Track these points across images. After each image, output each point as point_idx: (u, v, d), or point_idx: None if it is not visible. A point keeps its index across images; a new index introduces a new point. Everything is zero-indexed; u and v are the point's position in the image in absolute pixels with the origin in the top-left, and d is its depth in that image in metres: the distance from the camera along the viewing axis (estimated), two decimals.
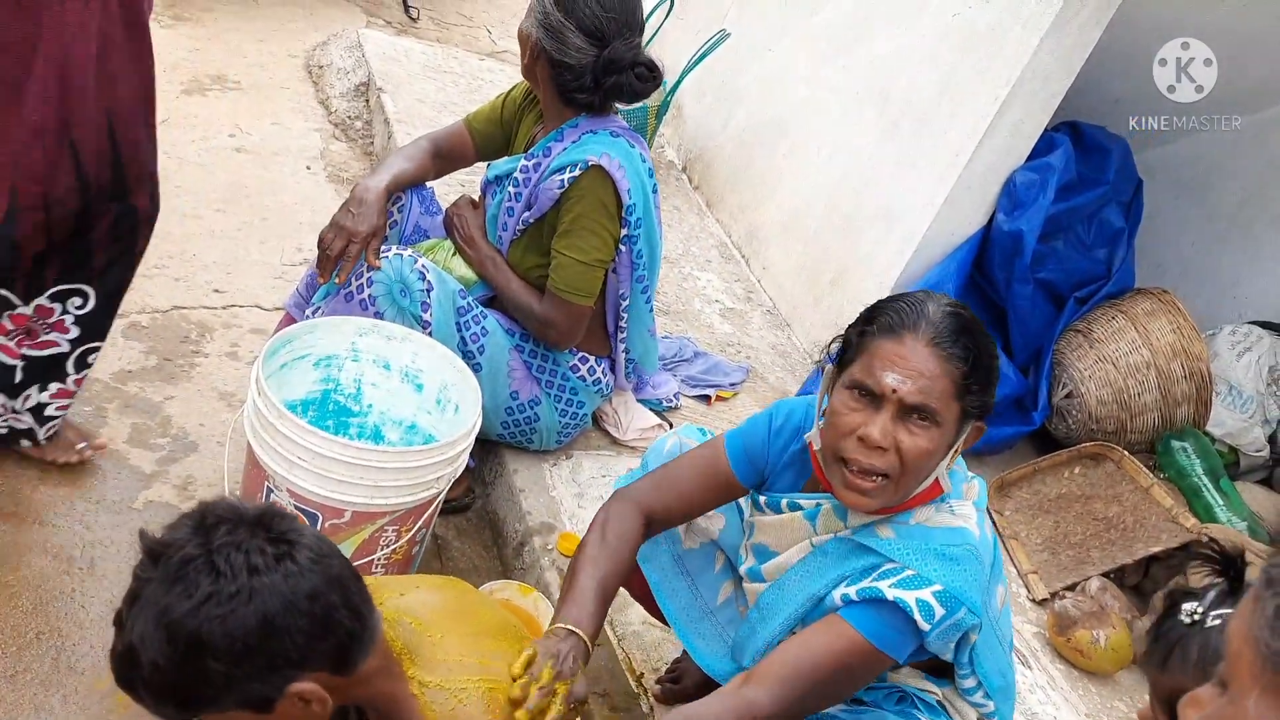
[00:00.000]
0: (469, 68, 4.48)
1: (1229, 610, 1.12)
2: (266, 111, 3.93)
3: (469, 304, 2.44)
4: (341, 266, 2.32)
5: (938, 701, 1.70)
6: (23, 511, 2.21)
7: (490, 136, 2.61)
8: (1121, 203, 3.43)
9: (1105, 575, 2.87)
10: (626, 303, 2.56)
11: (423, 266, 2.35)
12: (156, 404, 2.59)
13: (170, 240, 3.12)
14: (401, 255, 2.35)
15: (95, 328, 2.10)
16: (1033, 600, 2.88)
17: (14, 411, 2.13)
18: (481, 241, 2.54)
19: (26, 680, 1.92)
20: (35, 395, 2.12)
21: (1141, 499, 3.03)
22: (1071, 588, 2.85)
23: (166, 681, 1.20)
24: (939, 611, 1.49)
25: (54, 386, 2.13)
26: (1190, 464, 3.17)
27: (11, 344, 2.01)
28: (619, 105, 2.48)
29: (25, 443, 2.20)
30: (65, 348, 2.08)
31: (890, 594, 1.50)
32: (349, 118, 4.05)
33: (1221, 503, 3.08)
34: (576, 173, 2.35)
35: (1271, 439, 3.46)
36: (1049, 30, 2.80)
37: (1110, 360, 3.27)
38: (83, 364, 2.14)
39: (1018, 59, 2.86)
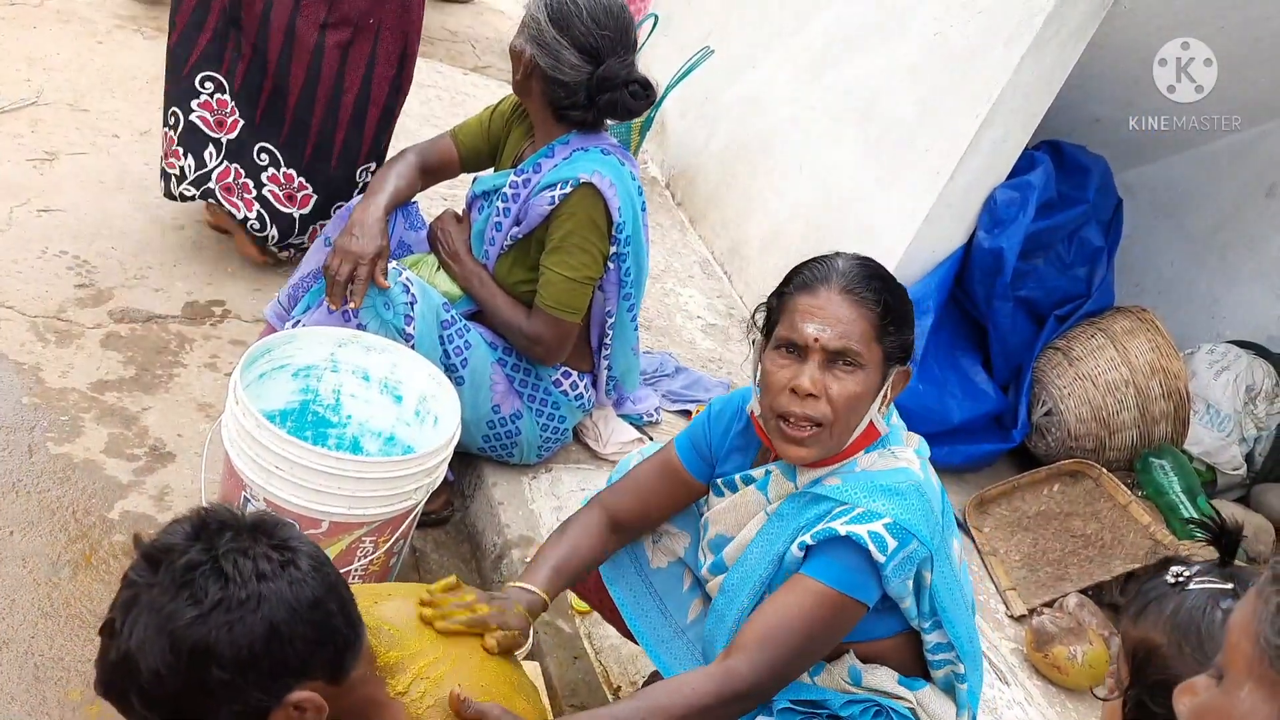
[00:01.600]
0: (453, 82, 4.49)
1: (1214, 580, 1.14)
2: None
3: (453, 317, 2.43)
4: (353, 290, 2.28)
5: (911, 710, 1.71)
6: None
7: (476, 150, 2.61)
8: (1101, 222, 3.46)
9: (1083, 592, 2.88)
10: (612, 320, 2.56)
11: (407, 279, 2.34)
12: (134, 414, 2.57)
13: (151, 250, 3.11)
14: (388, 267, 2.34)
15: None
16: (1011, 616, 2.88)
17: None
18: (466, 257, 2.53)
19: None
20: None
21: (1120, 516, 3.05)
22: (1050, 604, 2.86)
23: (166, 691, 1.16)
24: (891, 543, 1.53)
25: None
26: (1168, 482, 3.19)
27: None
28: (607, 121, 2.49)
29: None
30: None
31: (843, 529, 1.54)
32: None
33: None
34: (568, 189, 2.35)
35: (1248, 458, 3.48)
36: (1030, 49, 2.82)
37: (1089, 378, 3.29)
38: None
39: (999, 77, 2.89)
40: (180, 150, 2.96)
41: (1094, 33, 2.90)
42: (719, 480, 1.79)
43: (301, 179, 2.97)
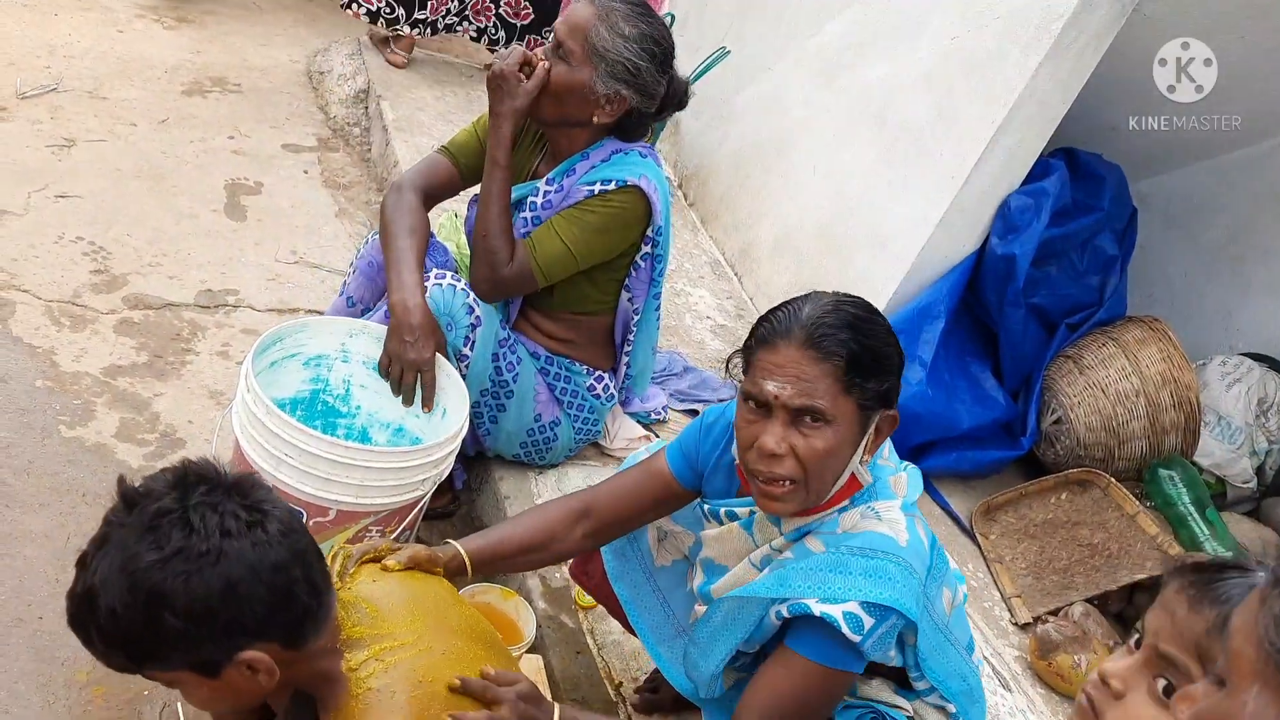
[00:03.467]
0: (468, 79, 4.50)
1: None
2: (266, 115, 3.95)
3: (508, 335, 2.42)
4: (425, 397, 2.24)
5: (910, 717, 1.71)
6: (8, 501, 2.21)
7: (475, 168, 2.49)
8: (1115, 230, 3.45)
9: (1089, 601, 2.87)
10: (639, 317, 2.57)
11: (473, 301, 2.32)
12: (146, 400, 2.58)
13: (165, 238, 3.13)
14: (455, 287, 2.30)
15: None
16: (1015, 624, 2.88)
17: None
18: (508, 134, 2.29)
19: (4, 666, 1.91)
20: None
21: (1127, 526, 3.03)
22: (1054, 612, 2.85)
23: (120, 630, 1.20)
24: (868, 622, 1.50)
25: None
26: (1177, 493, 3.17)
27: None
28: None
29: None
30: None
31: (817, 609, 1.51)
32: (347, 124, 4.07)
33: (1207, 533, 3.08)
34: (610, 186, 2.33)
35: (1259, 471, 3.46)
36: (1047, 55, 2.82)
37: (1100, 387, 3.28)
38: None
39: (1015, 83, 2.88)
40: None
41: (1113, 40, 2.90)
42: (706, 507, 1.78)
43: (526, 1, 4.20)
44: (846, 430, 1.52)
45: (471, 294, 2.32)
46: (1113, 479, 3.13)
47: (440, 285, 2.29)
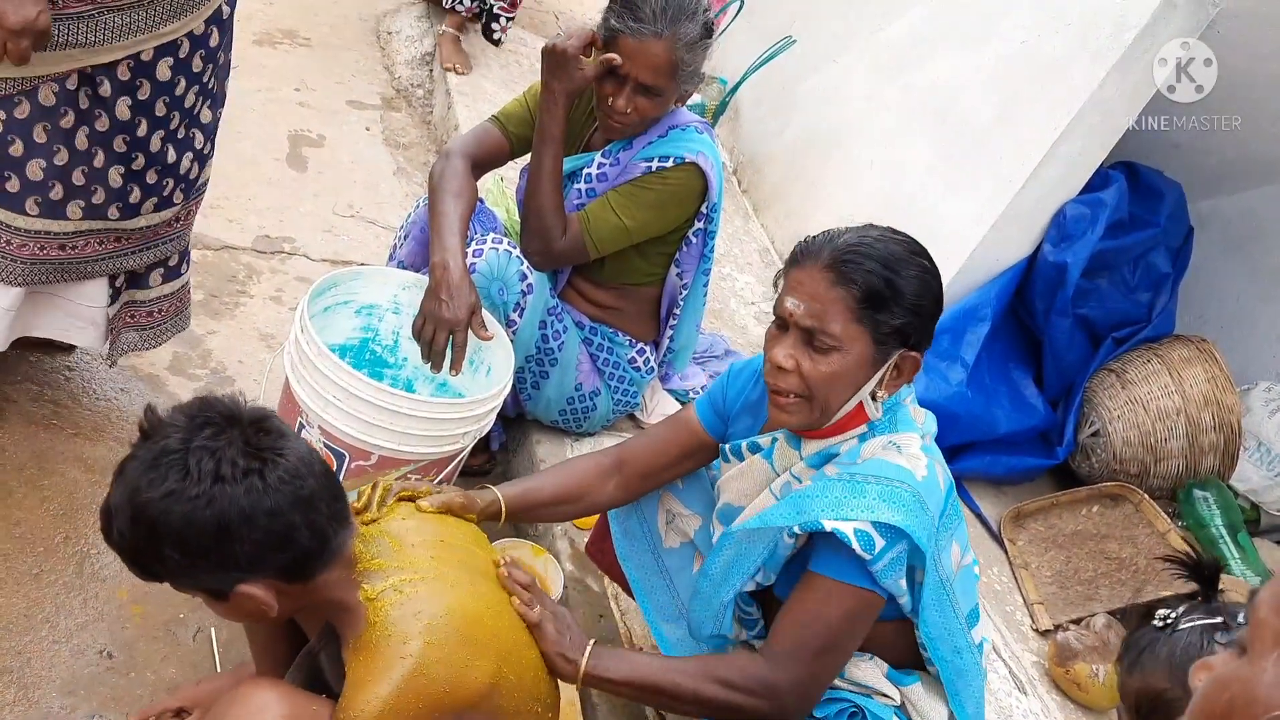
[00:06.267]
0: (532, 48, 4.53)
1: (1202, 616, 1.13)
2: (332, 70, 4.00)
3: (556, 303, 2.46)
4: (454, 359, 2.17)
5: (898, 708, 1.69)
6: (62, 423, 2.28)
7: (526, 139, 2.49)
8: (1170, 248, 3.43)
9: (1111, 614, 2.87)
10: (686, 293, 2.60)
11: (527, 268, 2.35)
12: (199, 337, 2.64)
13: (228, 182, 3.18)
14: (510, 253, 2.33)
15: None
16: (1036, 630, 2.88)
17: None
18: (562, 110, 2.32)
19: (50, 580, 1.98)
20: None
21: (1157, 544, 3.02)
22: (1076, 621, 2.85)
23: (129, 550, 1.30)
24: (879, 542, 1.50)
25: None
26: (1210, 515, 3.16)
27: None
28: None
29: None
30: None
31: (828, 525, 1.51)
32: (411, 85, 4.12)
33: (1238, 556, 3.07)
34: (668, 164, 2.36)
35: None
36: (1116, 65, 2.80)
37: (1141, 402, 3.27)
38: None
39: (1081, 91, 2.87)
40: None
41: None
42: (727, 447, 1.79)
43: None
44: (856, 359, 1.54)
45: (525, 262, 2.36)
46: (1146, 495, 3.12)
47: (497, 250, 2.32)
